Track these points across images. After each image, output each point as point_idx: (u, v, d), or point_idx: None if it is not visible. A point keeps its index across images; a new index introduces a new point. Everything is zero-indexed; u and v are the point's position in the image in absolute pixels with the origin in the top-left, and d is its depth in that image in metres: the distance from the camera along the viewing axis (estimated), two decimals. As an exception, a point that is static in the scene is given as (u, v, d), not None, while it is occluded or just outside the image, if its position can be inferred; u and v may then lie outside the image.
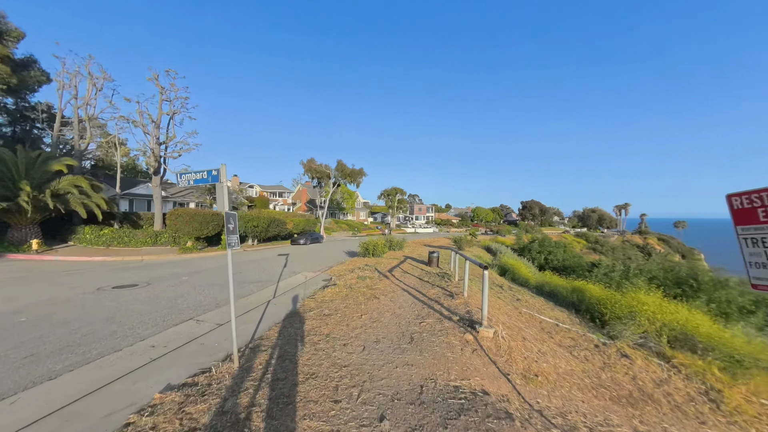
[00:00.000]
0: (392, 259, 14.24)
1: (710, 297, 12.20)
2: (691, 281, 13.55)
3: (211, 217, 18.10)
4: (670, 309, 6.71)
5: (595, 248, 59.75)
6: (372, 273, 10.61)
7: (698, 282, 13.34)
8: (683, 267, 14.02)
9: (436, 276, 10.19)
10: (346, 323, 5.40)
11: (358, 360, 3.97)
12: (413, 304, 6.68)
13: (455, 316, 5.78)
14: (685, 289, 13.92)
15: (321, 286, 9.04)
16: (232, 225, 3.97)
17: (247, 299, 7.84)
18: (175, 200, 31.46)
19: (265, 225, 21.73)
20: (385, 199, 64.48)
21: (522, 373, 4.34)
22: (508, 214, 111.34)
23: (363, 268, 11.55)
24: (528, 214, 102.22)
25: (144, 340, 4.99)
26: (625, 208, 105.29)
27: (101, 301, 7.21)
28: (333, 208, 56.11)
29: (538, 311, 8.23)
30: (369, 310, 6.16)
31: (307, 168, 34.81)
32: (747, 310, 11.17)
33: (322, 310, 6.29)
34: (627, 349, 6.17)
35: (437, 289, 8.04)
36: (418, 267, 12.37)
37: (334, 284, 8.81)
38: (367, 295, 7.48)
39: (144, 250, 17.36)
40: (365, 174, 36.18)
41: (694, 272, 13.74)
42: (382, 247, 14.99)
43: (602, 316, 7.78)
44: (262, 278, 10.66)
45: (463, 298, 6.97)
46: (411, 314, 5.97)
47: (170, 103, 20.64)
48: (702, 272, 13.60)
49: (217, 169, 3.87)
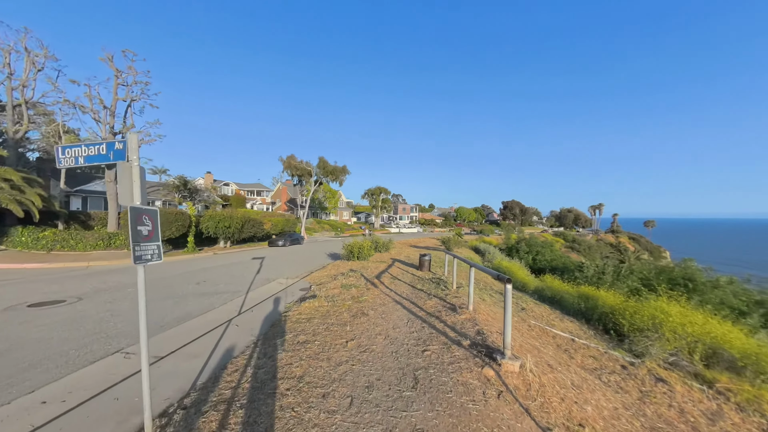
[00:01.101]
0: (379, 263, 13.01)
1: (703, 298, 11.84)
2: (687, 282, 13.27)
3: (176, 216, 16.10)
4: (697, 320, 5.92)
5: (573, 247, 61.39)
6: (358, 280, 9.33)
7: (694, 282, 13.06)
8: (677, 268, 13.73)
9: (430, 282, 9.07)
10: (326, 356, 4.10)
11: (344, 425, 2.70)
12: (410, 322, 5.48)
13: (464, 339, 4.63)
14: (679, 291, 13.67)
15: (298, 298, 7.65)
16: (149, 227, 2.58)
17: (205, 317, 6.34)
18: (139, 198, 28.67)
19: (238, 225, 19.84)
20: (369, 198, 63.16)
21: (565, 424, 3.25)
22: (489, 214, 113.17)
23: (347, 273, 10.24)
24: (509, 214, 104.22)
25: (33, 392, 3.46)
26: (599, 209, 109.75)
27: (1, 328, 5.48)
28: (315, 208, 54.09)
29: (548, 323, 7.29)
30: (356, 333, 4.89)
31: (286, 165, 32.81)
32: (740, 311, 10.83)
33: (296, 334, 4.95)
34: (659, 370, 5.28)
35: (435, 300, 6.89)
36: (409, 271, 11.21)
37: (314, 296, 7.45)
38: (353, 310, 6.20)
39: (94, 255, 15.11)
40: (348, 172, 34.68)
41: (689, 273, 13.49)
42: (367, 250, 13.73)
43: (617, 326, 6.95)
44: (229, 288, 9.11)
45: (468, 313, 5.85)
46: (409, 337, 4.77)
47: (128, 88, 18.32)
48: (696, 273, 13.35)
49: (123, 140, 2.47)
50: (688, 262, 13.68)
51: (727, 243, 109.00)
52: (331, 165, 33.35)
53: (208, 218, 18.76)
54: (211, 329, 5.54)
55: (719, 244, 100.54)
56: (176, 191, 30.59)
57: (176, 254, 16.47)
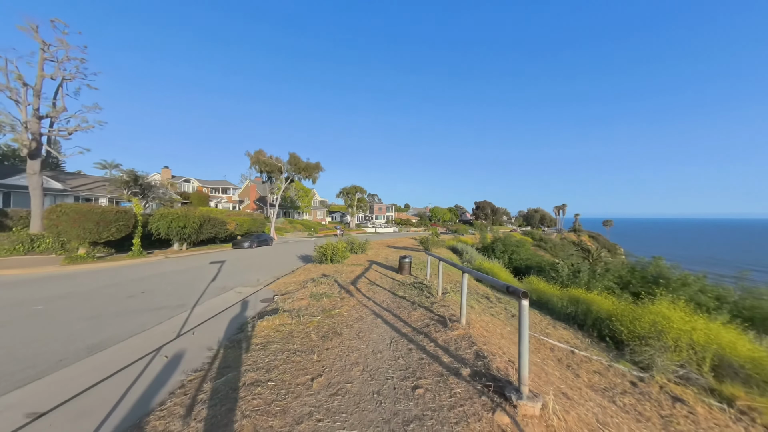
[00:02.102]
0: (355, 266, 11.89)
1: (676, 296, 12.02)
2: (659, 280, 13.51)
3: (116, 215, 13.81)
4: (700, 326, 5.48)
5: (540, 245, 64.15)
6: (330, 287, 8.16)
7: (666, 280, 13.32)
8: (650, 266, 13.97)
9: (412, 288, 8.12)
10: (282, 405, 2.95)
11: None
12: (394, 343, 4.46)
13: (463, 365, 3.69)
14: (651, 289, 13.93)
15: (257, 313, 6.34)
16: None
17: (127, 344, 4.88)
18: (78, 195, 25.10)
19: (195, 225, 17.71)
20: (344, 197, 61.55)
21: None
22: (462, 214, 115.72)
23: (318, 280, 9.01)
24: (481, 214, 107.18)
25: None
26: (563, 209, 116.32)
27: None
28: (287, 207, 51.54)
29: (542, 332, 6.61)
30: (326, 364, 3.78)
31: (254, 160, 30.45)
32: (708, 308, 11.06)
33: (245, 370, 3.73)
34: (672, 386, 4.71)
35: (420, 311, 5.93)
36: (388, 275, 10.21)
37: (276, 310, 6.18)
38: (323, 328, 5.06)
39: (9, 262, 12.49)
40: (322, 169, 33.01)
41: (660, 271, 13.77)
42: (342, 252, 12.54)
43: (614, 333, 6.44)
44: (172, 301, 7.53)
45: (460, 327, 4.94)
46: (394, 366, 3.74)
47: (58, 64, 15.57)
48: (666, 271, 13.65)
49: None
50: (658, 261, 14.00)
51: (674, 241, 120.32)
52: (303, 161, 31.50)
53: (159, 217, 16.50)
54: (129, 363, 4.14)
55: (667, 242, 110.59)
56: (125, 187, 27.25)
57: (119, 259, 14.17)
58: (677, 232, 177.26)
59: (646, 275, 14.04)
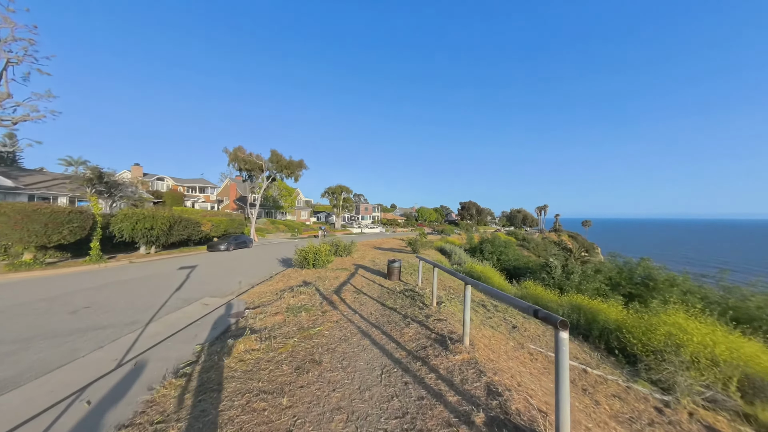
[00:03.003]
0: (339, 270, 10.97)
1: (664, 298, 11.83)
2: (648, 281, 13.38)
3: (69, 215, 12.22)
4: (720, 338, 4.99)
5: (524, 245, 65.28)
6: (311, 297, 7.23)
7: (654, 281, 13.19)
8: (639, 267, 13.84)
9: (404, 297, 7.33)
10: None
11: None
12: (386, 375, 3.63)
13: (475, 409, 2.91)
14: (640, 290, 13.80)
15: (220, 333, 5.35)
16: None
17: (41, 382, 3.80)
18: (33, 193, 22.76)
19: (164, 227, 16.20)
20: (329, 197, 60.19)
21: None
22: (448, 215, 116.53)
23: (298, 289, 8.05)
24: (466, 214, 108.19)
25: None
26: (545, 209, 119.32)
27: None
28: (269, 207, 49.64)
29: (547, 346, 5.98)
30: (298, 415, 2.89)
31: (233, 157, 28.74)
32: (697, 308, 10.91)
33: (188, 423, 2.79)
34: (702, 413, 4.14)
35: (415, 327, 5.14)
36: (375, 281, 9.37)
37: (244, 330, 5.21)
38: (298, 355, 4.16)
39: (-67, 269, 10.74)
40: (305, 167, 31.67)
41: (648, 272, 13.65)
42: (326, 255, 11.59)
43: (622, 344, 5.90)
44: (124, 317, 6.39)
45: (463, 350, 4.18)
46: (388, 413, 2.91)
47: (1, 44, 13.73)
48: (654, 272, 13.54)
49: None
50: (646, 262, 13.91)
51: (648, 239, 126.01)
52: (285, 159, 30.07)
53: (123, 218, 14.91)
54: (34, 416, 3.10)
55: (641, 241, 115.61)
56: (88, 185, 25.01)
57: (73, 265, 12.59)
58: (651, 231, 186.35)
59: (633, 276, 13.91)
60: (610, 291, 13.34)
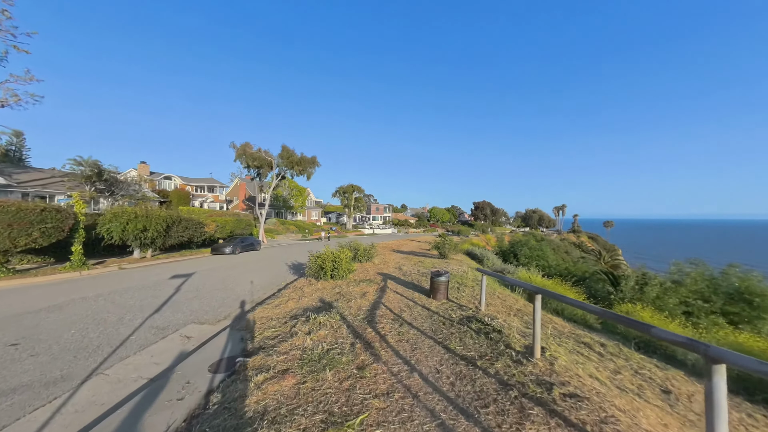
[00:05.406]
0: (364, 283, 8.64)
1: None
2: (751, 297, 10.54)
3: (41, 214, 10.28)
4: None
5: (544, 247, 61.89)
6: (336, 333, 4.90)
7: (762, 297, 10.35)
8: (734, 279, 11.00)
9: (472, 333, 4.94)
10: None
11: None
12: None
13: None
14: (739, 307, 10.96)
15: (183, 418, 3.05)
16: None
17: None
18: (27, 191, 21.32)
19: (161, 227, 14.25)
20: (340, 197, 58.24)
21: None
22: (461, 215, 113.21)
23: (313, 315, 5.71)
24: (480, 215, 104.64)
25: None
26: (563, 210, 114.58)
27: None
28: (279, 207, 47.93)
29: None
30: None
31: (240, 153, 26.84)
32: None
33: None
34: None
35: (518, 403, 2.75)
36: (417, 303, 6.98)
37: (227, 410, 2.90)
38: None
39: None
40: (318, 164, 29.56)
41: (748, 285, 10.81)
42: (346, 263, 9.29)
43: None
44: (55, 366, 4.16)
45: None
46: None
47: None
48: (756, 286, 10.68)
49: None
50: (747, 274, 11.06)
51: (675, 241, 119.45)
52: (296, 155, 28.03)
53: (112, 218, 13.00)
54: None
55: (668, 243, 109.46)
56: (87, 183, 23.54)
57: (50, 273, 10.67)
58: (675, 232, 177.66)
59: (731, 292, 11.07)
60: (700, 310, 10.59)
